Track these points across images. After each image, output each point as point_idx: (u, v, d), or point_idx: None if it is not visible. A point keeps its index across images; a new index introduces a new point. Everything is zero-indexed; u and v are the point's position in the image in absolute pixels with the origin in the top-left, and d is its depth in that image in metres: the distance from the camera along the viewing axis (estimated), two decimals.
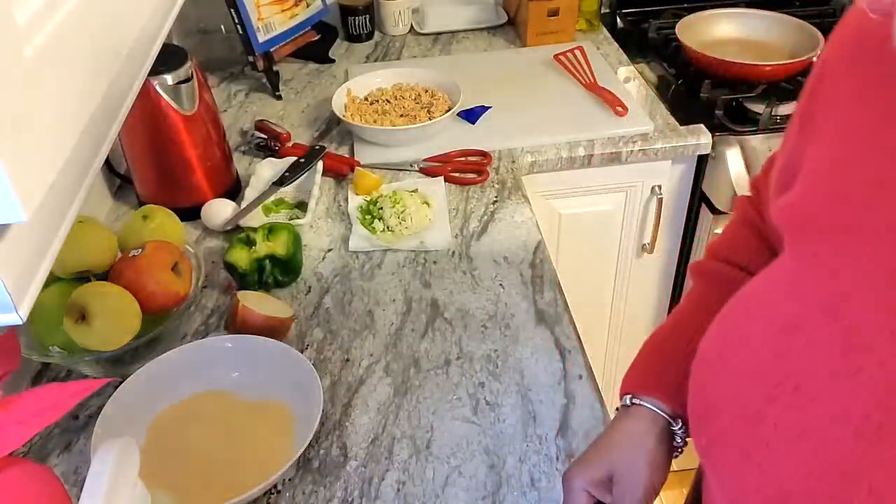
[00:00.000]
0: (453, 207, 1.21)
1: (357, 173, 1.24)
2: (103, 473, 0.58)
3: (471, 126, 1.41)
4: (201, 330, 1.02)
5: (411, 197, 1.19)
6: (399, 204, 1.17)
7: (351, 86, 1.43)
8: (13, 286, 0.35)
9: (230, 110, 1.52)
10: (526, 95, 1.49)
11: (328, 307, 1.04)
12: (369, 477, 0.82)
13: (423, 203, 1.19)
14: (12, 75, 0.32)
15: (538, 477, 0.81)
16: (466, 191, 1.25)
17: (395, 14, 1.75)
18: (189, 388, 0.89)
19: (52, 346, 0.89)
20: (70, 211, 0.42)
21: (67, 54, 0.38)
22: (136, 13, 0.51)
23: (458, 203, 1.22)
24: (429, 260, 1.11)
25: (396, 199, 1.18)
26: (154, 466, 0.80)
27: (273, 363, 0.89)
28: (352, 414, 0.88)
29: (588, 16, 1.72)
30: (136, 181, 1.22)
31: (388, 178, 1.28)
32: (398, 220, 1.15)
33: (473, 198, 1.23)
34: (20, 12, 0.34)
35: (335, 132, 1.43)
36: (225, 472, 0.79)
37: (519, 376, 0.92)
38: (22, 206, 0.32)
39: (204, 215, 1.17)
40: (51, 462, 0.85)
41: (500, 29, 1.77)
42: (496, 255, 1.11)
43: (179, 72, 1.11)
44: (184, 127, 1.14)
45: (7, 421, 0.49)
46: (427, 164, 1.30)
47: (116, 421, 0.82)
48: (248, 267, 1.03)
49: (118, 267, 0.91)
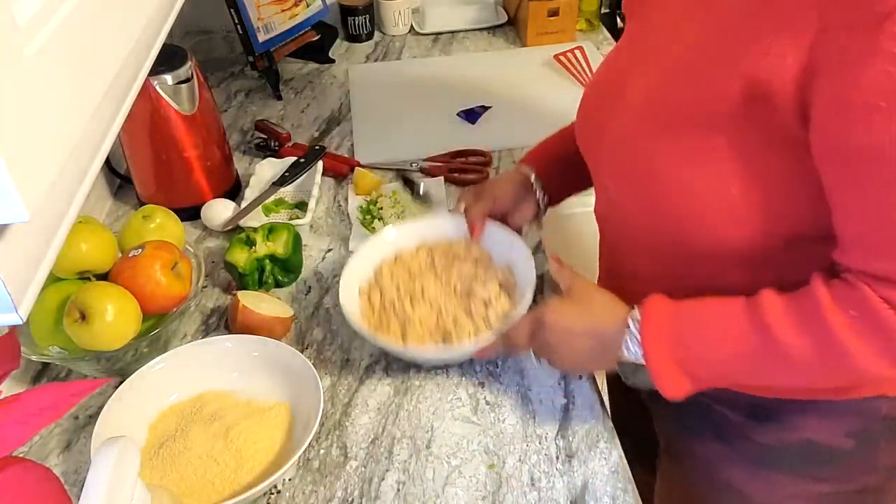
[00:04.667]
0: (453, 207, 1.21)
1: (357, 173, 1.24)
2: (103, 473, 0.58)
3: (471, 126, 1.41)
4: (201, 330, 1.02)
5: (411, 197, 1.19)
6: (399, 204, 1.17)
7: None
8: (13, 286, 0.35)
9: (230, 110, 1.52)
10: (526, 95, 1.49)
11: (328, 307, 1.04)
12: (369, 477, 0.82)
13: (423, 203, 1.19)
14: (12, 75, 0.32)
15: (538, 477, 0.81)
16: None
17: (395, 14, 1.75)
18: (189, 388, 0.89)
19: (52, 346, 0.89)
20: (70, 211, 0.42)
21: (67, 54, 0.38)
22: (136, 13, 0.51)
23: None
24: None
25: (396, 199, 1.18)
26: (154, 466, 0.80)
27: (273, 363, 0.89)
28: (352, 414, 0.88)
29: (588, 16, 1.72)
30: (136, 181, 1.22)
31: (388, 178, 1.28)
32: (398, 221, 1.15)
33: None
34: (20, 12, 0.34)
35: (335, 132, 1.43)
36: (225, 472, 0.79)
37: (519, 376, 0.92)
38: (23, 205, 0.32)
39: (204, 215, 1.17)
40: (51, 462, 0.85)
41: (500, 29, 1.78)
42: None
43: (179, 72, 1.11)
44: (184, 127, 1.14)
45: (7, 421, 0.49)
46: (427, 164, 1.30)
47: (116, 421, 0.82)
48: (248, 267, 1.03)
49: (118, 267, 0.91)
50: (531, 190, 0.96)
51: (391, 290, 0.93)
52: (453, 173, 1.27)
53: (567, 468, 0.81)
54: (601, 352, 0.76)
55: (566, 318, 0.78)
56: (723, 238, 0.68)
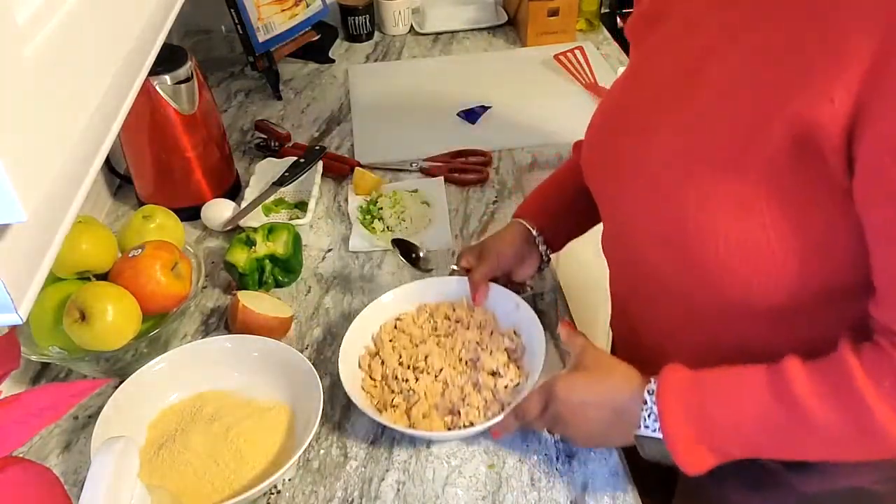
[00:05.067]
0: (453, 207, 1.21)
1: (357, 173, 1.24)
2: (103, 473, 0.58)
3: (471, 126, 1.41)
4: (201, 330, 1.02)
5: (411, 197, 1.19)
6: (399, 204, 1.17)
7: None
8: (13, 286, 0.35)
9: (230, 110, 1.52)
10: (526, 95, 1.49)
11: (328, 307, 1.04)
12: (369, 477, 0.82)
13: (422, 203, 1.19)
14: (12, 75, 0.32)
15: (538, 477, 0.81)
16: (466, 191, 1.25)
17: (395, 14, 1.75)
18: (189, 388, 0.89)
19: (52, 346, 0.89)
20: (70, 211, 0.41)
21: (67, 54, 0.38)
22: (136, 13, 0.51)
23: (458, 203, 1.22)
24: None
25: (396, 199, 1.18)
26: (154, 466, 0.80)
27: (273, 363, 0.89)
28: (352, 414, 0.88)
29: (588, 16, 1.72)
30: (136, 181, 1.22)
31: (388, 178, 1.28)
32: (398, 221, 1.15)
33: (473, 198, 1.23)
34: (20, 12, 0.34)
35: (335, 132, 1.43)
36: (225, 472, 0.79)
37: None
38: (22, 205, 0.32)
39: (204, 215, 1.17)
40: (51, 462, 0.85)
41: (500, 29, 1.78)
42: None
43: (179, 72, 1.11)
44: (184, 127, 1.14)
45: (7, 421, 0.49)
46: (427, 164, 1.30)
47: (116, 421, 0.82)
48: (248, 267, 1.03)
49: (118, 267, 0.91)
50: (533, 244, 0.94)
51: (393, 360, 0.89)
52: (453, 173, 1.27)
53: (567, 469, 0.81)
54: (617, 425, 0.72)
55: (579, 390, 0.74)
56: (751, 288, 0.63)
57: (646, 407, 0.69)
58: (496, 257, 0.93)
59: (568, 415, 0.74)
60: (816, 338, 0.63)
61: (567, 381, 0.75)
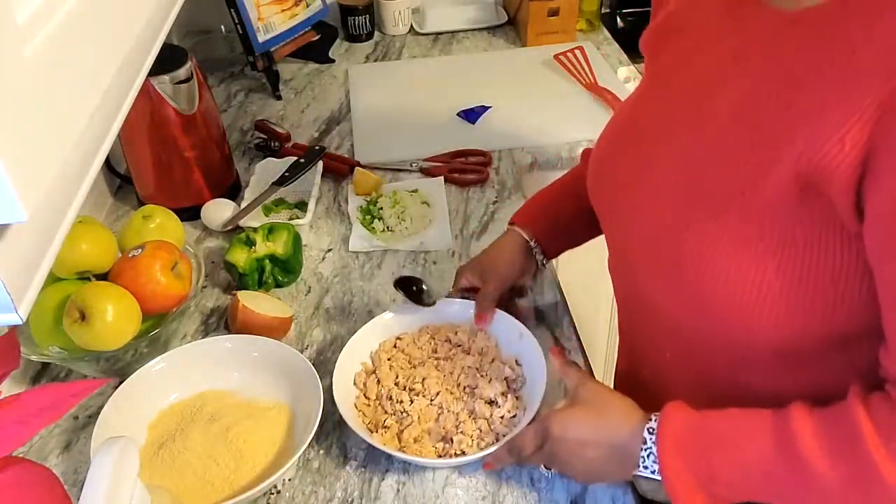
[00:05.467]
0: (453, 208, 1.21)
1: (357, 173, 1.24)
2: (103, 473, 0.58)
3: (471, 126, 1.41)
4: (201, 330, 1.02)
5: (411, 197, 1.19)
6: (399, 204, 1.17)
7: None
8: (13, 286, 0.35)
9: (230, 110, 1.52)
10: (526, 95, 1.49)
11: (328, 307, 1.04)
12: (369, 477, 0.82)
13: (422, 203, 1.19)
14: (12, 75, 0.32)
15: (538, 477, 0.81)
16: (466, 191, 1.25)
17: (395, 14, 1.75)
18: (189, 388, 0.89)
19: (52, 346, 0.89)
20: (70, 211, 0.41)
21: (67, 54, 0.38)
22: (136, 13, 0.51)
23: (458, 203, 1.22)
24: (429, 260, 1.11)
25: (396, 199, 1.18)
26: (154, 466, 0.80)
27: (273, 363, 0.89)
28: None
29: (588, 16, 1.72)
30: (136, 181, 1.22)
31: (388, 178, 1.28)
32: (398, 221, 1.15)
33: (473, 198, 1.23)
34: (20, 12, 0.34)
35: (335, 132, 1.43)
36: (225, 472, 0.79)
37: None
38: (22, 205, 0.32)
39: (204, 215, 1.17)
40: (51, 462, 0.85)
41: (500, 29, 1.78)
42: None
43: (179, 72, 1.11)
44: (184, 127, 1.14)
45: (7, 421, 0.49)
46: (427, 165, 1.30)
47: (116, 421, 0.82)
48: (248, 267, 1.03)
49: (118, 267, 0.91)
50: (531, 254, 0.94)
51: (389, 381, 0.87)
52: (453, 173, 1.27)
53: None
54: (615, 462, 0.70)
55: (575, 427, 0.72)
56: (752, 329, 0.61)
57: (645, 446, 0.67)
58: (500, 279, 0.93)
59: (564, 453, 0.72)
60: (824, 381, 0.62)
61: (563, 417, 0.73)
